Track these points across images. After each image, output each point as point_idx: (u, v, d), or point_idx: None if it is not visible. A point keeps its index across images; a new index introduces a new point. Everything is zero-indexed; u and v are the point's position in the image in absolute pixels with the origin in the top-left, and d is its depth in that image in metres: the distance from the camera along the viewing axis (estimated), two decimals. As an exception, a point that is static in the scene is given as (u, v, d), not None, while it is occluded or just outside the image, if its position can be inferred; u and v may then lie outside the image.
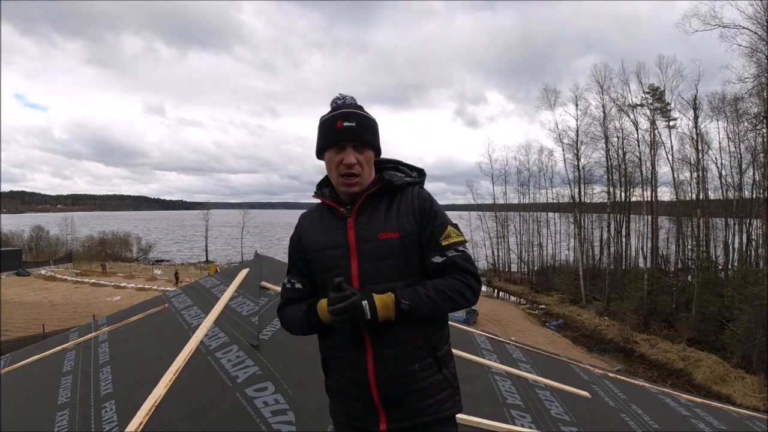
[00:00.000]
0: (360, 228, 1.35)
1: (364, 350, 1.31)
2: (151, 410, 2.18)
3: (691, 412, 3.63)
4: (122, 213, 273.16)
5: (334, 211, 1.40)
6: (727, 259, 25.39)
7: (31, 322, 21.01)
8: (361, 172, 1.36)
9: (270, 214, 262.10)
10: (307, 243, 1.43)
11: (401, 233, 1.33)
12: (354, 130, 1.34)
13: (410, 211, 1.36)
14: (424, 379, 1.31)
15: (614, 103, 29.20)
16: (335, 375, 1.39)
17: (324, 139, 1.38)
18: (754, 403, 14.80)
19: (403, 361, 1.30)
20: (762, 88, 20.50)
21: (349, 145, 1.34)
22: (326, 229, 1.39)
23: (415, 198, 1.38)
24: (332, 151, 1.36)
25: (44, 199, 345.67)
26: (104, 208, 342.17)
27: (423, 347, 1.32)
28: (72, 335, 4.10)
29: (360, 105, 1.43)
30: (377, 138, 1.42)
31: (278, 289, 3.77)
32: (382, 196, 1.38)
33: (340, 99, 1.42)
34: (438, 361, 1.34)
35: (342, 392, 1.37)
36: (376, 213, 1.36)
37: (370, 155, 1.39)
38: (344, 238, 1.35)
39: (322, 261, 1.38)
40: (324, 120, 1.40)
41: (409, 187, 1.41)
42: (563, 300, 30.20)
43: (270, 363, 2.46)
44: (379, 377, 1.30)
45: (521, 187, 39.38)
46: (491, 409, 2.62)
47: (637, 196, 29.69)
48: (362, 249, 1.33)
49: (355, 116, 1.36)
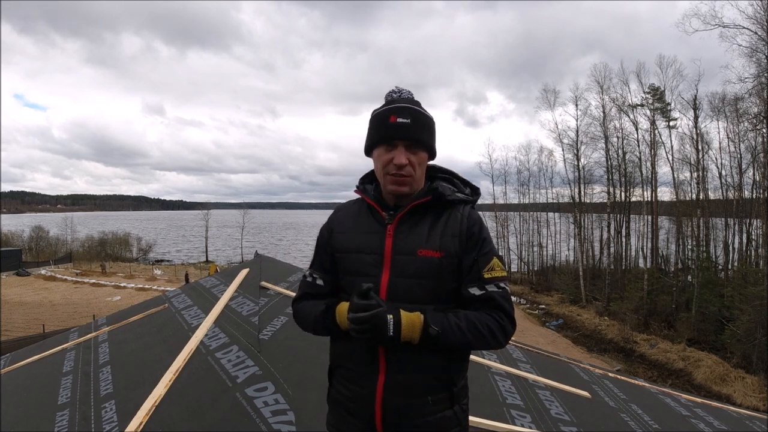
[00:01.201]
0: (399, 238, 1.23)
1: (377, 370, 1.20)
2: (151, 410, 2.18)
3: (691, 412, 3.63)
4: (122, 213, 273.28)
5: (375, 213, 1.28)
6: (727, 259, 25.38)
7: (31, 322, 20.99)
8: (413, 174, 1.23)
9: (270, 214, 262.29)
10: (338, 240, 1.31)
11: (442, 254, 1.21)
12: (408, 128, 1.21)
13: (457, 232, 1.23)
14: (434, 414, 1.20)
15: (614, 104, 29.22)
16: (340, 387, 1.28)
17: (374, 135, 1.26)
18: (754, 403, 14.79)
19: (416, 391, 1.19)
20: (762, 88, 20.47)
21: (401, 144, 1.22)
22: (362, 231, 1.28)
23: (465, 218, 1.25)
24: (382, 148, 1.24)
25: (44, 199, 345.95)
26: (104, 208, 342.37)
27: (440, 380, 1.21)
28: (72, 335, 4.10)
29: (417, 101, 1.29)
30: (433, 138, 1.28)
31: (278, 289, 3.78)
32: (429, 209, 1.26)
33: (396, 92, 1.30)
34: (452, 396, 1.23)
35: (344, 406, 1.27)
36: (418, 226, 1.24)
37: (423, 157, 1.26)
38: (380, 245, 1.24)
39: (350, 263, 1.27)
40: (376, 114, 1.27)
41: (460, 204, 1.28)
42: (563, 300, 30.18)
43: (270, 363, 2.46)
44: (387, 402, 1.19)
45: (521, 187, 39.37)
46: (491, 409, 2.62)
47: (637, 196, 29.68)
48: (396, 261, 1.22)
49: (410, 112, 1.23)
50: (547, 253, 38.82)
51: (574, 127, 31.85)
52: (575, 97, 31.40)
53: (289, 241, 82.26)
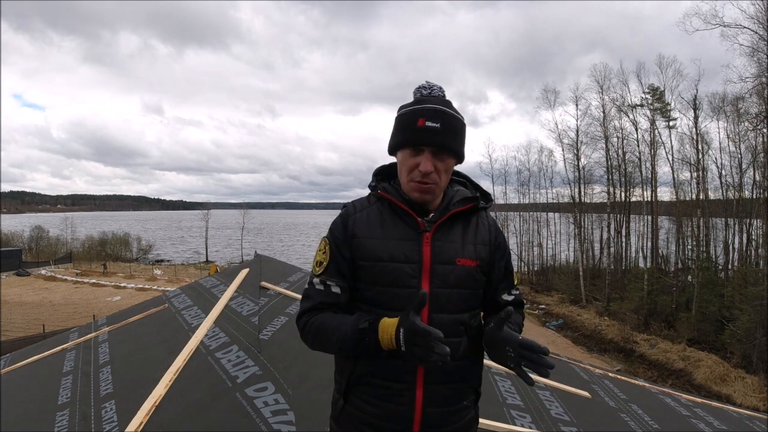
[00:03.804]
0: (437, 246, 1.16)
1: (414, 384, 1.13)
2: (151, 410, 2.18)
3: (691, 412, 3.63)
4: (122, 213, 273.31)
5: (407, 218, 1.18)
6: (727, 259, 25.38)
7: (31, 322, 20.97)
8: (438, 182, 1.16)
9: (270, 214, 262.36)
10: (365, 246, 1.17)
11: (478, 262, 1.20)
12: (437, 133, 1.12)
13: (487, 240, 1.23)
14: (465, 417, 1.20)
15: (614, 104, 29.23)
16: (365, 405, 1.15)
17: (400, 137, 1.17)
18: (754, 403, 14.79)
19: (455, 398, 1.17)
20: (762, 87, 20.44)
21: (428, 150, 1.13)
22: (394, 237, 1.17)
23: (492, 226, 1.27)
24: (407, 151, 1.15)
25: (44, 199, 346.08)
26: (104, 208, 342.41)
27: (473, 384, 1.23)
28: (72, 335, 4.10)
29: (449, 100, 1.19)
30: (462, 144, 1.19)
31: (278, 289, 3.77)
32: (458, 215, 1.22)
33: (426, 89, 1.20)
34: (477, 397, 1.26)
35: (369, 424, 1.15)
36: (451, 233, 1.19)
37: (450, 164, 1.18)
38: (418, 253, 1.15)
39: (383, 273, 1.15)
40: (403, 113, 1.18)
41: (483, 211, 1.29)
42: (563, 300, 30.18)
43: (270, 363, 2.46)
44: (427, 415, 1.13)
45: (521, 187, 39.32)
46: (491, 409, 2.61)
47: (637, 196, 29.68)
48: (436, 271, 1.15)
49: (441, 115, 1.13)
50: (547, 253, 38.82)
51: (574, 127, 31.87)
52: (575, 97, 31.40)
53: (289, 242, 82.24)
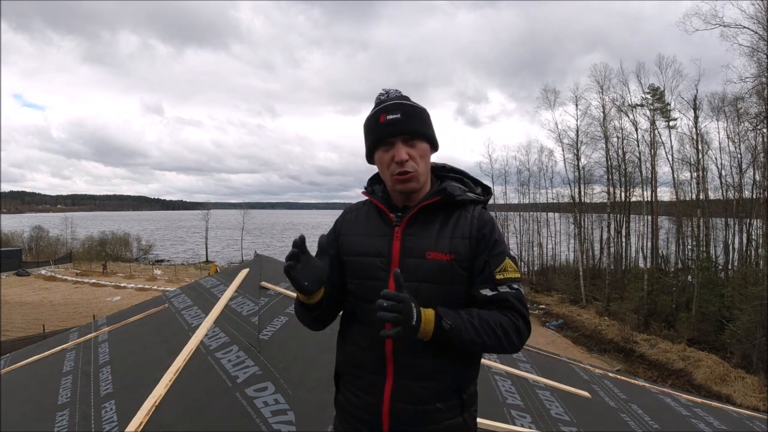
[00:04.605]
0: (408, 240, 1.20)
1: (384, 376, 1.17)
2: (151, 410, 2.18)
3: (691, 412, 3.63)
4: (122, 213, 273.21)
5: (383, 215, 1.26)
6: (727, 259, 25.37)
7: (31, 322, 20.97)
8: (416, 168, 1.19)
9: (270, 214, 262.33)
10: (347, 243, 1.28)
11: (452, 256, 1.18)
12: (401, 122, 1.19)
13: (467, 234, 1.20)
14: (443, 421, 1.16)
15: (614, 104, 29.23)
16: (348, 393, 1.26)
17: (369, 139, 1.24)
18: (754, 403, 14.78)
19: (425, 397, 1.16)
20: (762, 87, 20.43)
21: (398, 140, 1.19)
22: (370, 233, 1.25)
23: (476, 219, 1.22)
24: (381, 150, 1.22)
25: (44, 199, 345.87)
26: (104, 208, 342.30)
27: (450, 386, 1.18)
28: (72, 335, 4.10)
29: (406, 96, 1.27)
30: (430, 128, 1.24)
31: (278, 289, 3.78)
32: (439, 210, 1.22)
33: (383, 94, 1.27)
34: (462, 403, 1.19)
35: (350, 413, 1.24)
36: (428, 227, 1.21)
37: (423, 148, 1.22)
38: (387, 247, 1.21)
39: (358, 267, 1.24)
40: (367, 119, 1.26)
41: (471, 205, 1.25)
42: (563, 300, 30.16)
43: (270, 363, 2.46)
44: (395, 409, 1.16)
45: (521, 187, 39.31)
46: (491, 409, 2.62)
47: (637, 196, 29.67)
48: (404, 264, 1.18)
49: (399, 107, 1.21)
50: (547, 253, 38.81)
51: (574, 127, 31.87)
52: (575, 97, 31.39)
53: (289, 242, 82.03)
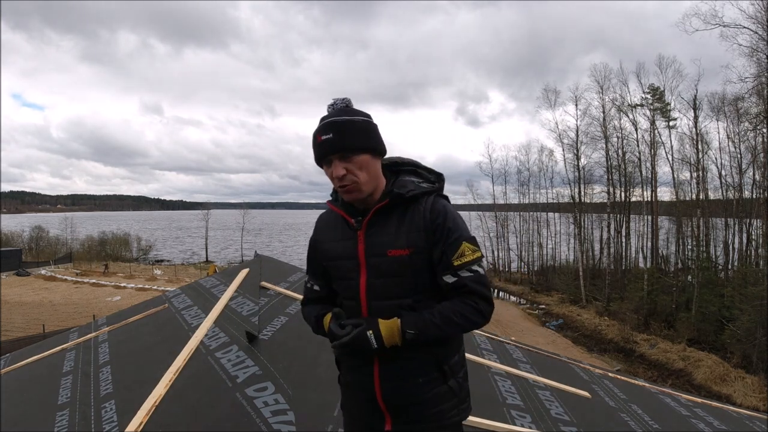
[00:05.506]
0: (369, 241, 1.31)
1: (372, 362, 1.33)
2: (151, 410, 2.18)
3: (691, 412, 3.63)
4: (122, 213, 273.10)
5: (345, 221, 1.37)
6: (727, 259, 25.35)
7: (31, 322, 20.96)
8: (356, 180, 1.27)
9: (270, 214, 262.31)
10: (323, 249, 1.43)
11: (411, 250, 1.27)
12: (332, 142, 1.25)
13: (421, 226, 1.28)
14: (428, 391, 1.31)
15: (613, 104, 29.22)
16: (346, 373, 1.44)
17: (315, 157, 1.33)
18: (754, 403, 14.79)
19: (407, 374, 1.31)
20: (762, 87, 20.45)
21: (334, 158, 1.26)
22: (339, 238, 1.38)
23: (427, 212, 1.29)
24: (325, 167, 1.32)
25: (44, 199, 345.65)
26: (104, 208, 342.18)
27: (428, 362, 1.32)
28: (72, 335, 4.10)
29: (348, 108, 1.32)
30: (368, 138, 1.29)
31: (278, 289, 3.78)
32: (394, 208, 1.31)
33: (330, 106, 1.33)
34: (443, 374, 1.33)
35: (351, 390, 1.43)
36: (386, 226, 1.31)
37: (361, 160, 1.27)
38: (354, 250, 1.33)
39: (335, 270, 1.39)
40: (312, 136, 1.33)
41: (423, 197, 1.32)
42: (563, 300, 30.17)
43: (270, 363, 2.46)
44: (384, 388, 1.33)
45: (521, 187, 39.33)
46: (491, 409, 2.62)
47: (637, 196, 29.67)
48: (370, 264, 1.30)
49: (332, 126, 1.26)
50: (547, 253, 38.80)
51: (574, 126, 31.88)
52: (575, 97, 31.40)
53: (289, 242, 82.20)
